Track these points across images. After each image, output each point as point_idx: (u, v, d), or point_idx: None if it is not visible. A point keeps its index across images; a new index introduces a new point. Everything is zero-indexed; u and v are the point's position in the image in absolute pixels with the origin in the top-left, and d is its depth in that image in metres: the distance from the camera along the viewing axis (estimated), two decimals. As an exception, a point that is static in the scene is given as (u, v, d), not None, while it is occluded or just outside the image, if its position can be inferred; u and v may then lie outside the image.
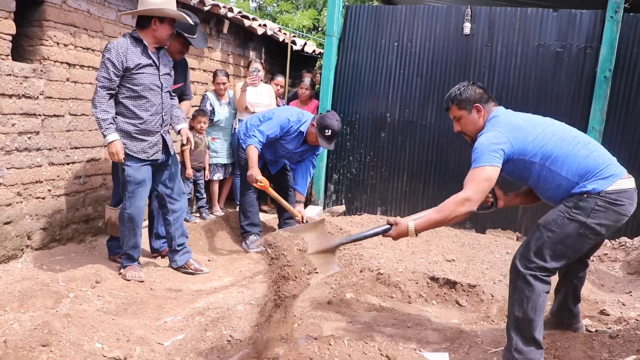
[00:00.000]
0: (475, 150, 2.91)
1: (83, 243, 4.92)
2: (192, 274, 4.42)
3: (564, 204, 2.87)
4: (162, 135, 4.17)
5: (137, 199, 4.11)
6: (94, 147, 4.95)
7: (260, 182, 4.77)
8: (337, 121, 4.91)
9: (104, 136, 3.92)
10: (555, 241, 2.83)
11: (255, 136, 4.89)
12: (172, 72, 4.29)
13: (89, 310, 3.34)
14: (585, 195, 2.81)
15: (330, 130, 4.87)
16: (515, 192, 3.41)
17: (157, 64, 4.08)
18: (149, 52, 4.02)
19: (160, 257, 4.70)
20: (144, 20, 4.01)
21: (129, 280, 4.06)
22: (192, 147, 4.66)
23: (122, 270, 4.18)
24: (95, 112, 3.88)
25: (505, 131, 2.92)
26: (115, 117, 3.97)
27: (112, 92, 3.92)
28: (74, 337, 2.77)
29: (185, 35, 4.41)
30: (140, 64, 3.95)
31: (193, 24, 4.39)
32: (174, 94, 4.37)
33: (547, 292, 2.91)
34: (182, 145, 4.45)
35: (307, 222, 4.78)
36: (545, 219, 2.90)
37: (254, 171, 4.77)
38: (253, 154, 4.83)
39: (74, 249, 4.77)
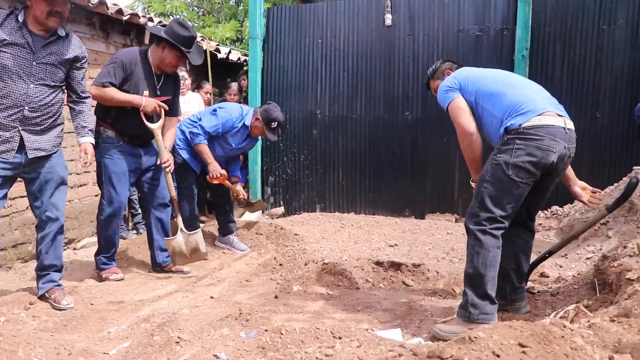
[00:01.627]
0: (439, 98, 3.30)
1: (12, 270, 4.67)
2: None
3: (493, 153, 3.03)
4: (19, 132, 3.43)
5: None
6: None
7: (222, 174, 4.93)
8: (281, 112, 5.05)
9: None
10: (492, 189, 2.93)
11: (199, 134, 4.86)
12: (66, 66, 3.60)
13: (24, 330, 3.17)
14: (506, 138, 2.94)
15: (276, 122, 4.98)
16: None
17: (33, 47, 3.38)
18: (26, 30, 3.36)
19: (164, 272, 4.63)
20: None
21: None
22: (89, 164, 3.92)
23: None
24: None
25: (453, 76, 3.31)
26: None
27: None
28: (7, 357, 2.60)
29: (182, 48, 4.14)
30: (5, 40, 3.30)
31: (191, 36, 4.21)
32: (85, 95, 3.78)
33: (498, 248, 2.94)
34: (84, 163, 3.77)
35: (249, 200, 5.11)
36: (481, 172, 3.05)
37: (215, 166, 4.91)
38: (205, 149, 4.90)
39: (2, 276, 4.52)
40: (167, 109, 4.24)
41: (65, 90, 3.74)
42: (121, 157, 4.18)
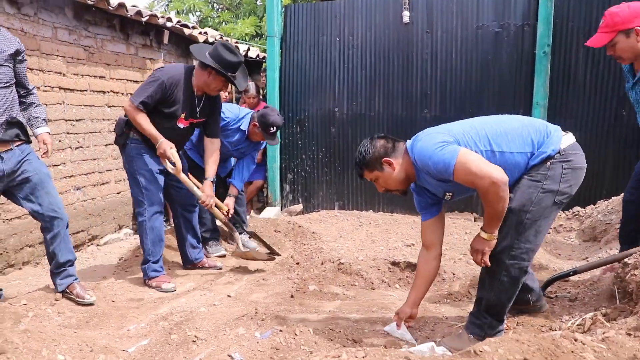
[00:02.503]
0: (432, 162, 2.64)
1: (40, 266, 4.75)
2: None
3: (529, 179, 2.72)
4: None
5: None
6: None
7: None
8: (278, 116, 4.88)
9: None
10: (535, 219, 2.71)
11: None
12: (11, 63, 3.40)
13: (49, 326, 3.25)
14: (549, 163, 2.71)
15: (274, 127, 4.84)
16: None
17: None
18: None
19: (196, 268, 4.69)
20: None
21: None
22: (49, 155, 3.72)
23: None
24: None
25: (439, 131, 2.76)
26: None
27: None
28: (34, 352, 2.65)
29: (229, 74, 4.02)
30: None
31: (238, 61, 4.08)
32: (31, 87, 3.62)
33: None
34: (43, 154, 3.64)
35: (231, 215, 4.79)
36: (519, 202, 2.71)
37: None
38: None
39: (31, 272, 4.60)
40: (177, 161, 4.03)
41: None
42: (149, 156, 4.09)
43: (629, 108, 5.71)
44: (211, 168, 4.30)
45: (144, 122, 3.93)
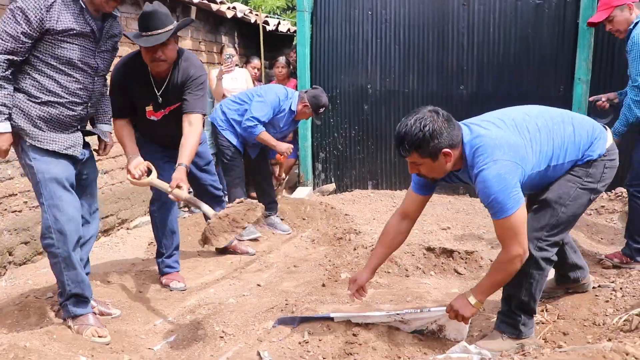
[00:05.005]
0: (493, 198, 2.40)
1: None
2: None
3: (571, 174, 2.69)
4: (81, 132, 3.03)
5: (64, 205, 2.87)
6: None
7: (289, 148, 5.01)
8: (326, 96, 5.05)
9: None
10: (570, 214, 2.68)
11: (255, 125, 4.80)
12: (115, 51, 3.11)
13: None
14: (592, 162, 2.69)
15: (324, 108, 5.02)
16: None
17: (97, 35, 2.88)
18: (87, 16, 2.79)
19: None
20: None
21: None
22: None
23: (71, 323, 3.02)
24: None
25: (510, 157, 2.43)
26: (13, 95, 2.75)
27: (16, 59, 2.68)
28: (55, 354, 2.62)
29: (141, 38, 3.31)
30: (75, 29, 2.75)
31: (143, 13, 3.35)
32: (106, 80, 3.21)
33: None
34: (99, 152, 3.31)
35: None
36: (556, 194, 2.66)
37: (282, 144, 4.99)
38: (267, 136, 4.89)
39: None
40: (144, 173, 3.40)
41: None
42: (151, 148, 3.69)
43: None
44: (184, 152, 3.31)
45: (119, 135, 3.49)
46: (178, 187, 3.14)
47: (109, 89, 3.37)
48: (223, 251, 4.57)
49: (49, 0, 2.66)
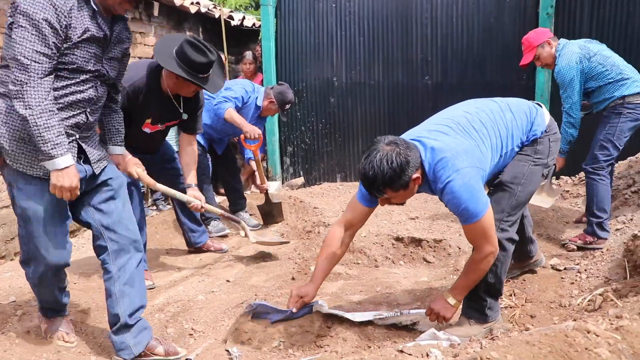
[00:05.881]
0: (464, 207, 2.40)
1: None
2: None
3: (521, 154, 2.76)
4: (77, 142, 2.55)
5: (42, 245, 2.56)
6: None
7: (259, 135, 4.74)
8: (292, 92, 5.06)
9: (50, 156, 2.32)
10: (527, 192, 2.76)
11: (226, 100, 4.68)
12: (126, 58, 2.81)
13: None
14: (538, 139, 2.78)
15: (290, 104, 5.04)
16: None
17: (110, 38, 2.56)
18: (100, 19, 2.47)
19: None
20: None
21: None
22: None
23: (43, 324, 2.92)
24: (32, 116, 2.26)
25: (469, 162, 2.44)
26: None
27: (52, 74, 2.33)
28: (18, 359, 2.56)
29: (197, 81, 3.37)
30: (90, 32, 2.42)
31: (208, 62, 3.38)
32: (121, 89, 2.99)
33: None
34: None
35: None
36: (511, 175, 2.71)
37: (250, 126, 4.69)
38: (235, 114, 4.69)
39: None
40: (145, 179, 3.27)
41: None
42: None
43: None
44: (192, 173, 3.77)
45: None
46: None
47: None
48: (196, 250, 4.52)
49: (69, 4, 2.32)
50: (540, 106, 2.91)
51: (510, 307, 3.11)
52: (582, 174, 5.52)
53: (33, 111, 2.26)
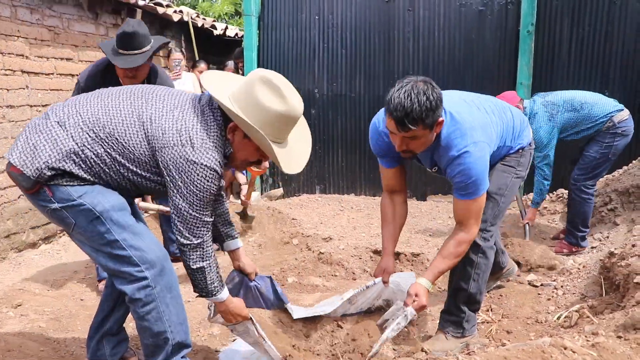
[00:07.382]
0: (474, 179, 2.38)
1: (6, 260, 4.55)
2: None
3: (503, 164, 2.76)
4: None
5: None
6: (3, 157, 4.56)
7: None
8: None
9: (211, 293, 2.42)
10: (507, 203, 2.79)
11: None
12: None
13: (11, 333, 3.02)
14: (521, 151, 2.80)
15: None
16: None
17: None
18: None
19: None
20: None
21: None
22: None
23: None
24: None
25: (484, 138, 2.44)
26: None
27: None
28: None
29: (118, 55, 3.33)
30: None
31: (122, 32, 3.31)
32: None
33: None
34: None
35: None
36: (496, 186, 2.68)
37: None
38: None
39: (-2, 268, 4.39)
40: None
41: None
42: None
43: (611, 89, 5.64)
44: None
45: None
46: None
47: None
48: (175, 260, 4.42)
49: None
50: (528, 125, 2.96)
51: (487, 323, 3.09)
52: (560, 191, 5.55)
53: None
